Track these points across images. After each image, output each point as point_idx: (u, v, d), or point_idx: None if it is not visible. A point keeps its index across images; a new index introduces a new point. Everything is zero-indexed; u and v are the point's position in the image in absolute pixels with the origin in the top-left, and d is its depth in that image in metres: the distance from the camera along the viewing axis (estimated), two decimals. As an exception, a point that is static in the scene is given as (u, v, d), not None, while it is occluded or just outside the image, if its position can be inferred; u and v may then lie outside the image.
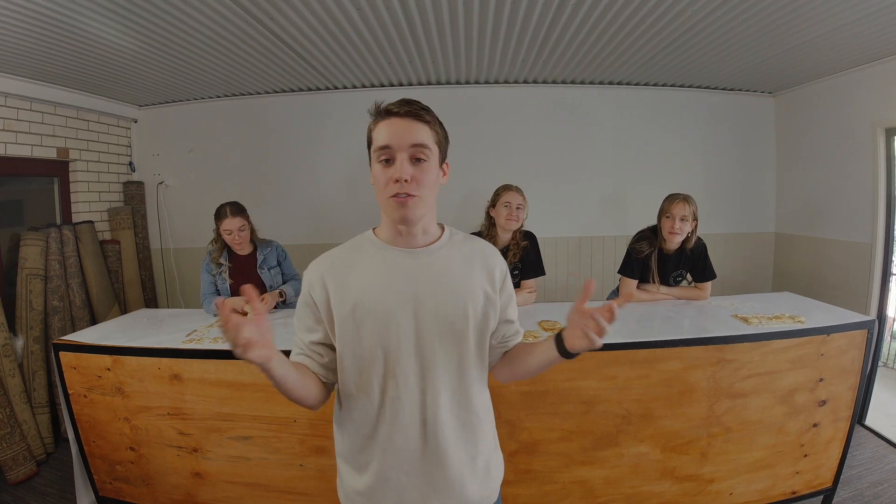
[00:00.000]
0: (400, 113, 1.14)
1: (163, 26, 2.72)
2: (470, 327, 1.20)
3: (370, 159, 1.18)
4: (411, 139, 1.12)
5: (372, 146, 1.16)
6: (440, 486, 1.19)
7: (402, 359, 1.15)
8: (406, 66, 3.81)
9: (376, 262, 1.19)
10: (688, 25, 2.94)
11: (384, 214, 1.19)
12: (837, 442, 2.47)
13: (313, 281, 1.19)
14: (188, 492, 2.44)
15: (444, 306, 1.17)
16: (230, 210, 2.90)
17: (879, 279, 3.60)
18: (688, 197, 2.74)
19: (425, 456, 1.17)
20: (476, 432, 1.24)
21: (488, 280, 1.24)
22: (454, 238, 1.27)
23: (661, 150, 4.63)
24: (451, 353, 1.19)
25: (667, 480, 2.33)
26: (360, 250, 1.23)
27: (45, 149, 3.65)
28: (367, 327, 1.14)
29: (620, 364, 2.20)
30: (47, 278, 3.45)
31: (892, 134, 3.51)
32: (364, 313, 1.14)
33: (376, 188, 1.16)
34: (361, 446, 1.21)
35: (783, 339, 2.27)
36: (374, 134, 1.16)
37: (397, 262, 1.19)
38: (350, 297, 1.15)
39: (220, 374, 2.26)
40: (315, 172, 4.58)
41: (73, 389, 2.44)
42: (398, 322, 1.14)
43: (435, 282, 1.18)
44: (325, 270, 1.19)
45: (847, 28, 2.90)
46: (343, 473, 1.27)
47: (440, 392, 1.17)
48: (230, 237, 2.90)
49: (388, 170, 1.12)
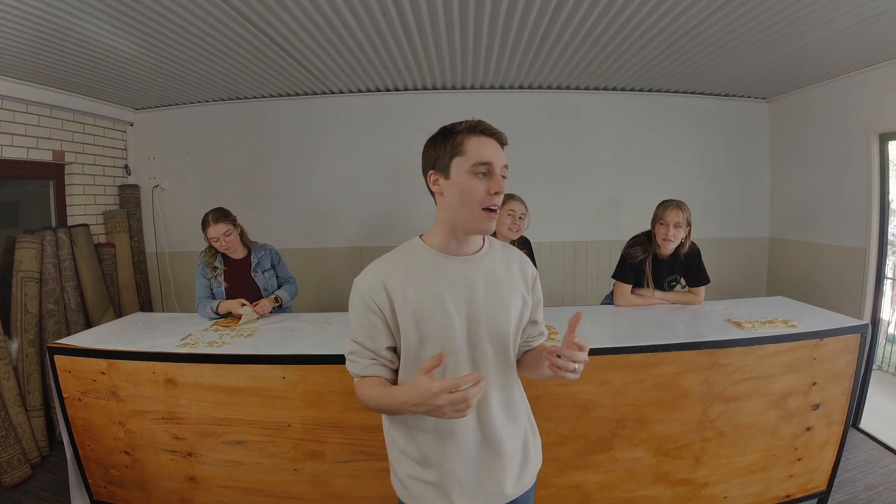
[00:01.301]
0: (495, 135, 1.27)
1: (160, 30, 2.73)
2: (512, 327, 1.33)
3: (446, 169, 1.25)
4: (503, 160, 1.26)
5: (462, 157, 1.23)
6: (496, 472, 1.32)
7: (458, 359, 1.27)
8: (402, 71, 3.82)
9: (431, 269, 1.28)
10: (682, 31, 2.95)
11: (451, 222, 1.28)
12: (831, 445, 2.48)
13: (374, 286, 1.25)
14: (182, 496, 2.44)
15: (493, 309, 1.29)
16: (212, 217, 2.89)
17: (873, 283, 3.61)
18: (681, 203, 2.75)
19: (482, 447, 1.31)
20: (518, 421, 1.39)
21: (524, 284, 1.38)
22: (494, 246, 1.40)
23: (656, 156, 4.64)
24: (499, 351, 1.32)
25: (661, 485, 2.34)
26: (411, 257, 1.31)
27: (40, 151, 3.64)
28: (426, 330, 1.24)
29: (615, 368, 2.21)
30: (42, 281, 3.44)
31: (885, 139, 3.53)
32: (423, 317, 1.24)
33: (460, 198, 1.23)
34: (424, 440, 1.30)
35: (776, 344, 2.29)
36: (469, 148, 1.23)
37: (451, 269, 1.29)
38: (410, 301, 1.24)
39: (215, 378, 2.26)
40: (312, 177, 4.58)
41: (67, 393, 2.44)
42: (453, 324, 1.25)
43: (485, 286, 1.30)
44: (385, 276, 1.26)
45: (841, 34, 2.91)
46: (402, 467, 1.36)
47: (491, 387, 1.30)
48: (217, 244, 2.90)
49: (487, 183, 1.23)
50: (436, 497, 1.30)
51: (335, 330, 2.62)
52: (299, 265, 3.19)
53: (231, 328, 2.67)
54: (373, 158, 4.50)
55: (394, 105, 4.45)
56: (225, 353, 2.30)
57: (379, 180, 4.52)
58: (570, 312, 2.75)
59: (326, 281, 4.63)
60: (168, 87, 3.92)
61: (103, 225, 4.28)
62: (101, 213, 4.27)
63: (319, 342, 2.41)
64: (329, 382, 2.20)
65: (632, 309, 2.86)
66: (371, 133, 4.48)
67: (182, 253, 4.63)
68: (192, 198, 4.54)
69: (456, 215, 1.25)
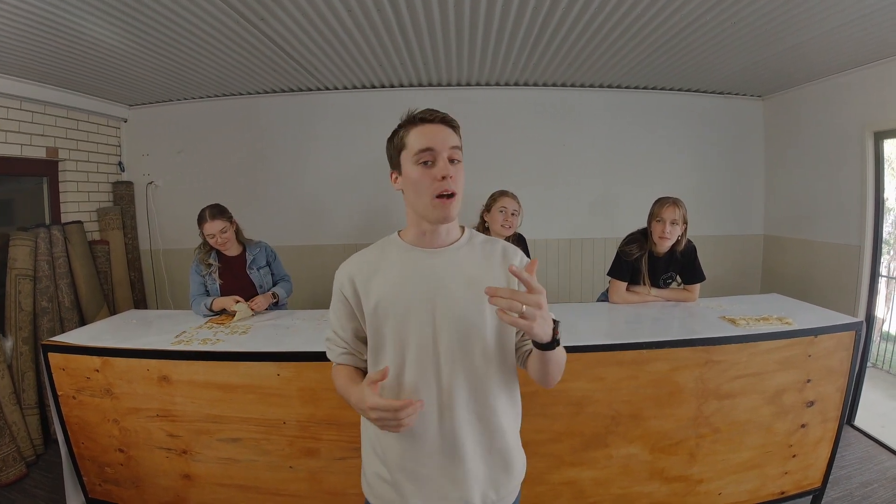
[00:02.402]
0: (434, 120, 1.23)
1: (153, 26, 2.71)
2: (487, 326, 1.24)
3: (397, 164, 1.27)
4: (449, 142, 1.21)
5: (406, 151, 1.23)
6: (458, 478, 1.23)
7: (419, 354, 1.22)
8: (397, 67, 3.82)
9: (398, 263, 1.27)
10: (677, 29, 2.96)
11: (416, 215, 1.26)
12: (826, 442, 2.49)
13: (343, 280, 1.29)
14: (177, 494, 2.43)
15: (460, 304, 1.22)
16: (209, 214, 2.88)
17: (868, 281, 3.63)
18: (678, 200, 2.75)
19: (443, 447, 1.23)
20: (493, 429, 1.26)
21: (507, 280, 1.28)
22: (475, 239, 1.35)
23: (651, 153, 4.65)
24: (468, 350, 1.23)
25: (656, 481, 2.35)
26: (384, 251, 1.31)
27: (34, 148, 3.63)
28: (388, 324, 1.23)
29: (609, 365, 2.21)
30: (36, 279, 3.43)
31: (881, 137, 3.53)
32: (384, 311, 1.23)
33: (413, 190, 1.22)
34: (389, 438, 1.26)
35: (771, 341, 2.29)
36: (410, 139, 1.22)
37: (418, 262, 1.27)
38: (373, 295, 1.24)
39: (209, 375, 2.25)
40: (306, 173, 4.58)
41: (62, 391, 2.43)
42: (417, 319, 1.22)
43: (453, 280, 1.24)
44: (354, 270, 1.29)
45: (836, 32, 2.92)
46: (369, 465, 1.34)
47: (456, 388, 1.22)
48: (213, 240, 2.89)
49: (431, 170, 1.20)
50: (394, 498, 1.27)
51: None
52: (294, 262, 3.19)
53: (225, 325, 2.66)
54: (367, 155, 4.48)
55: (388, 102, 4.43)
56: (219, 351, 2.29)
57: (373, 177, 4.50)
58: (564, 310, 2.77)
59: (321, 278, 4.62)
60: (162, 83, 3.91)
61: (97, 222, 4.26)
62: (94, 210, 4.25)
63: (314, 339, 2.40)
64: (324, 380, 2.19)
65: (627, 306, 2.86)
66: (365, 129, 4.47)
67: (176, 250, 4.63)
68: (187, 195, 4.53)
69: (415, 208, 1.25)
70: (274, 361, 2.21)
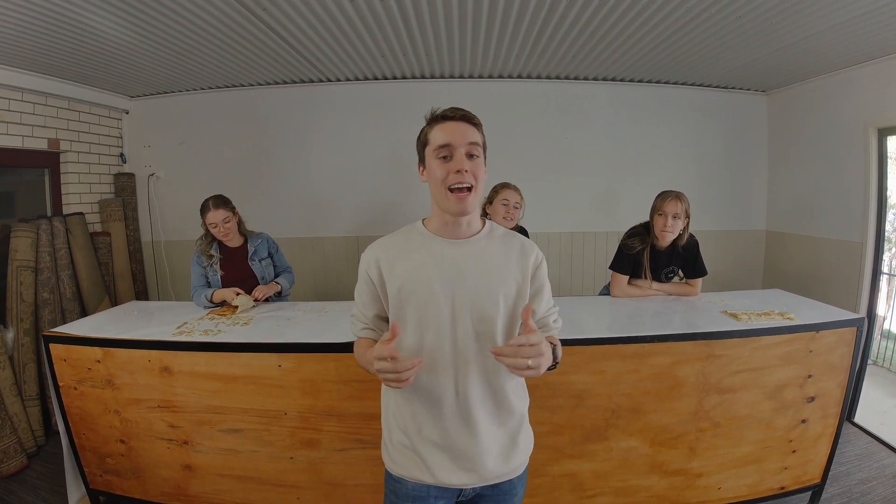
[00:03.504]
0: (455, 117, 1.31)
1: (155, 16, 2.70)
2: (500, 315, 1.33)
3: (422, 160, 1.37)
4: (467, 138, 1.29)
5: (429, 146, 1.32)
6: (473, 449, 1.33)
7: (437, 337, 1.30)
8: (400, 59, 3.80)
9: (422, 250, 1.34)
10: (682, 23, 2.94)
11: (438, 207, 1.34)
12: (826, 438, 2.49)
13: (370, 262, 1.36)
14: (178, 484, 2.44)
15: (478, 292, 1.31)
16: (213, 203, 2.89)
17: (870, 278, 3.62)
18: (680, 194, 2.74)
19: (459, 421, 1.32)
20: (503, 407, 1.37)
21: (521, 272, 1.37)
22: (495, 232, 1.43)
23: (654, 147, 4.64)
24: (482, 335, 1.32)
25: (655, 474, 2.35)
26: (409, 238, 1.39)
27: (36, 140, 3.62)
28: (411, 306, 1.31)
29: (610, 358, 2.21)
30: (38, 270, 3.43)
31: (884, 134, 3.52)
32: (408, 293, 1.31)
33: (433, 183, 1.31)
34: (410, 407, 1.36)
35: (772, 336, 2.29)
36: (432, 136, 1.32)
37: (440, 251, 1.34)
38: (397, 278, 1.32)
39: (211, 366, 2.26)
40: (308, 166, 4.56)
41: (63, 382, 2.43)
42: (437, 303, 1.29)
43: (472, 269, 1.32)
44: (380, 254, 1.36)
45: (841, 27, 2.90)
46: (391, 434, 1.42)
47: (471, 370, 1.31)
48: (216, 230, 2.89)
49: (448, 164, 1.28)
50: (415, 466, 1.35)
51: (331, 319, 2.61)
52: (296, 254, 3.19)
53: (227, 317, 2.66)
54: (370, 147, 4.47)
55: (391, 94, 4.42)
56: (221, 342, 2.29)
57: (376, 169, 4.50)
58: (567, 303, 2.77)
59: (323, 270, 4.62)
60: (163, 74, 3.89)
61: (98, 213, 4.26)
62: (96, 202, 4.25)
63: (315, 331, 2.41)
64: (325, 371, 2.20)
65: (628, 299, 2.86)
66: (368, 122, 4.45)
67: (178, 241, 4.63)
68: (188, 186, 4.53)
69: (436, 200, 1.33)
70: (275, 353, 2.21)
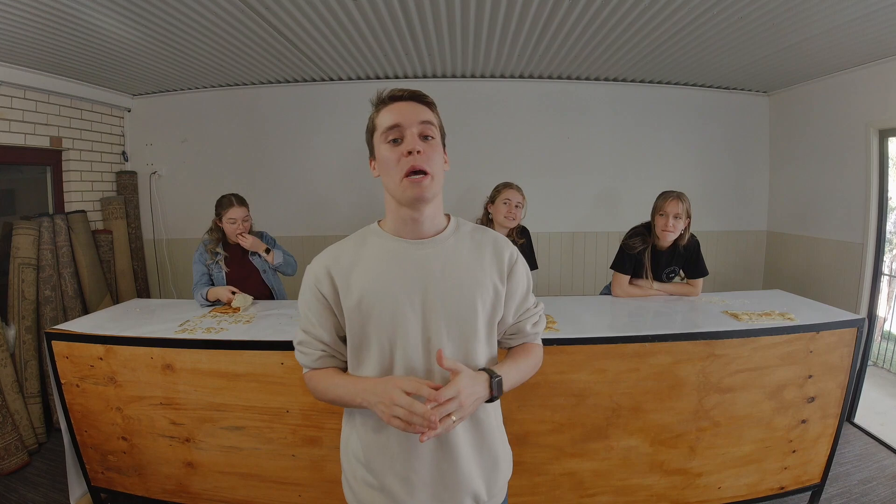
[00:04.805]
0: (404, 97, 1.16)
1: (158, 14, 2.71)
2: (479, 321, 1.18)
3: (372, 149, 1.20)
4: (419, 117, 1.14)
5: (377, 131, 1.16)
6: (452, 480, 1.17)
7: (408, 352, 1.13)
8: (402, 58, 3.80)
9: (381, 254, 1.17)
10: (683, 23, 2.95)
11: (393, 201, 1.17)
12: (826, 438, 2.49)
13: (319, 275, 1.17)
14: (180, 482, 2.44)
15: (452, 299, 1.15)
16: (236, 199, 2.94)
17: (870, 279, 3.62)
18: (681, 195, 2.75)
19: (437, 449, 1.16)
20: (484, 427, 1.22)
21: (498, 272, 1.21)
22: (462, 228, 1.26)
23: (656, 147, 4.64)
24: (460, 346, 1.16)
25: (655, 473, 2.35)
26: (364, 242, 1.21)
27: (38, 137, 3.63)
28: (373, 321, 1.14)
29: (611, 357, 2.21)
30: (39, 268, 3.43)
31: (885, 135, 3.53)
32: (369, 308, 1.13)
33: (385, 172, 1.15)
34: (372, 440, 1.19)
35: (772, 336, 2.29)
36: (379, 120, 1.16)
37: (403, 253, 1.17)
38: (355, 289, 1.14)
39: (213, 364, 2.26)
40: (310, 164, 4.57)
41: (65, 379, 2.44)
42: (405, 314, 1.13)
43: (442, 273, 1.15)
44: (331, 264, 1.17)
45: (842, 28, 2.91)
46: (351, 470, 1.25)
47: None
48: (234, 226, 2.91)
49: (398, 147, 1.12)
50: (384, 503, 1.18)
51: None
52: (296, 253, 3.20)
53: (229, 314, 2.67)
54: (371, 146, 4.47)
55: (393, 94, 4.41)
56: (223, 339, 2.30)
57: (377, 169, 4.49)
58: (568, 303, 2.78)
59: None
60: (166, 72, 3.90)
61: (100, 211, 4.27)
62: (98, 200, 4.25)
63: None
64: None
65: (629, 299, 2.87)
66: (369, 121, 4.45)
67: (179, 239, 4.63)
68: (190, 184, 4.54)
69: (390, 191, 1.16)
70: (277, 350, 2.22)
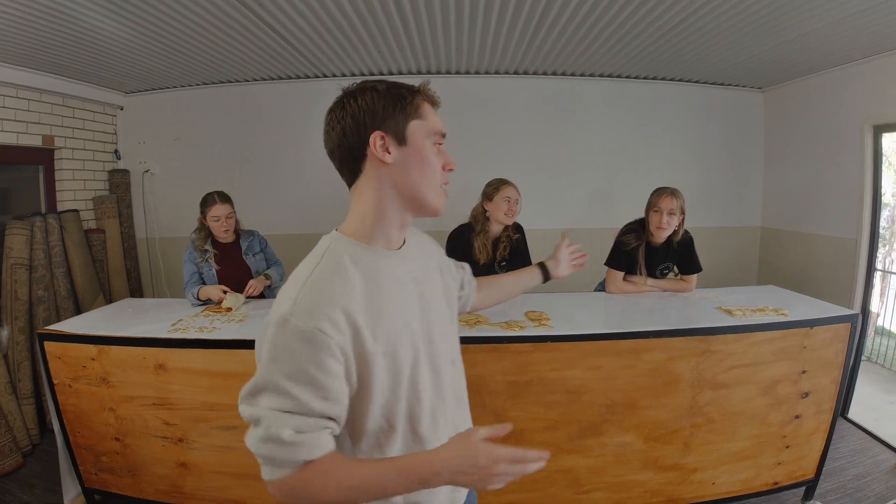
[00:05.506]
0: (439, 106, 1.05)
1: (150, 11, 2.69)
2: (454, 312, 1.19)
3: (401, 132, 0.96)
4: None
5: (421, 121, 0.98)
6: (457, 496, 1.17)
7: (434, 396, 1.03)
8: (396, 55, 3.79)
9: (388, 280, 0.97)
10: (678, 19, 2.94)
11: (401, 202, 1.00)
12: (820, 434, 2.49)
13: (334, 319, 0.85)
14: (174, 482, 2.43)
15: (440, 301, 1.10)
16: (219, 197, 2.92)
17: (864, 274, 3.63)
18: (675, 191, 2.75)
19: None
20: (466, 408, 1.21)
21: (438, 259, 1.20)
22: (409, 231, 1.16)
23: (650, 144, 4.65)
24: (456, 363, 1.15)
25: (650, 470, 2.36)
26: (358, 265, 0.95)
27: (30, 136, 3.61)
28: (399, 368, 0.95)
29: (606, 354, 2.21)
30: (32, 268, 3.41)
31: (880, 131, 3.53)
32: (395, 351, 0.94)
33: (422, 171, 0.98)
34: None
35: (766, 332, 2.29)
36: (431, 116, 1.00)
37: (399, 273, 1.01)
38: (382, 333, 0.92)
39: (206, 363, 2.25)
40: (304, 162, 4.55)
41: (57, 379, 2.42)
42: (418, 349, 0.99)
43: (430, 289, 1.08)
44: (346, 301, 0.88)
45: (837, 25, 2.91)
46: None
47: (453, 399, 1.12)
48: (217, 224, 2.90)
49: (444, 156, 1.02)
50: None
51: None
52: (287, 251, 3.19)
53: (222, 313, 2.66)
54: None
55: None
56: (216, 339, 2.28)
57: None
58: (562, 299, 2.77)
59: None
60: (158, 70, 3.88)
61: (93, 210, 4.24)
62: (90, 199, 4.23)
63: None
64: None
65: (623, 296, 2.87)
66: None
67: (172, 238, 4.59)
68: (183, 182, 4.52)
69: (413, 192, 0.99)
70: (270, 349, 2.20)
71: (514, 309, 2.51)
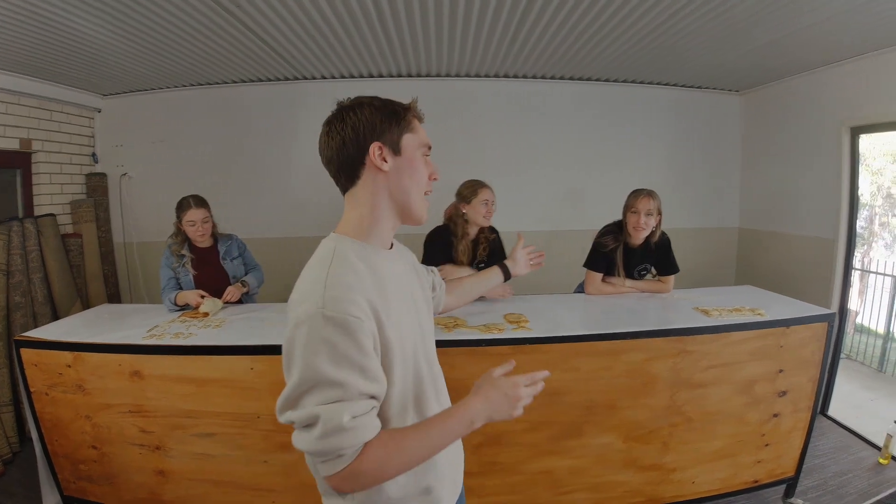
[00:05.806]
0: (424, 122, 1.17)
1: (128, 13, 2.66)
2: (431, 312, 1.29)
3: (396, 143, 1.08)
4: None
5: (413, 135, 1.11)
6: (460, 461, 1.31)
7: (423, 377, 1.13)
8: (376, 57, 3.79)
9: (391, 275, 1.08)
10: (655, 24, 2.97)
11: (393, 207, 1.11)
12: (799, 432, 2.53)
13: (363, 306, 0.94)
14: (152, 490, 2.40)
15: (421, 300, 1.21)
16: (194, 201, 2.88)
17: (842, 273, 3.68)
18: (652, 192, 2.77)
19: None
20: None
21: (413, 262, 1.31)
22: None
23: (627, 146, 4.69)
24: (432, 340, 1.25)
25: (630, 470, 2.37)
26: (365, 261, 1.04)
27: (7, 140, 3.54)
28: (408, 353, 1.06)
29: (585, 355, 2.22)
30: (9, 273, 3.35)
31: (857, 132, 3.58)
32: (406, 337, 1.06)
33: (412, 180, 1.10)
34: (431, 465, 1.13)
35: (742, 332, 2.32)
36: (421, 131, 1.14)
37: (395, 269, 1.12)
38: (393, 320, 1.01)
39: (182, 370, 2.22)
40: (287, 164, 4.52)
41: (34, 387, 2.39)
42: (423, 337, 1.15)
43: (416, 286, 1.22)
44: (368, 291, 0.97)
45: (813, 28, 2.95)
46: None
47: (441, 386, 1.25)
48: (193, 228, 2.86)
49: (430, 167, 1.15)
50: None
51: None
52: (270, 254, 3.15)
53: (199, 319, 2.63)
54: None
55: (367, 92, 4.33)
56: (192, 345, 2.26)
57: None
58: (541, 302, 2.78)
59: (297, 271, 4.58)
60: (137, 72, 3.83)
61: (70, 215, 4.17)
62: (68, 203, 4.16)
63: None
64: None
65: (602, 297, 2.88)
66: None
67: (150, 243, 4.54)
68: (160, 186, 4.46)
69: (403, 198, 1.10)
70: (247, 355, 2.19)
71: (492, 312, 2.51)
